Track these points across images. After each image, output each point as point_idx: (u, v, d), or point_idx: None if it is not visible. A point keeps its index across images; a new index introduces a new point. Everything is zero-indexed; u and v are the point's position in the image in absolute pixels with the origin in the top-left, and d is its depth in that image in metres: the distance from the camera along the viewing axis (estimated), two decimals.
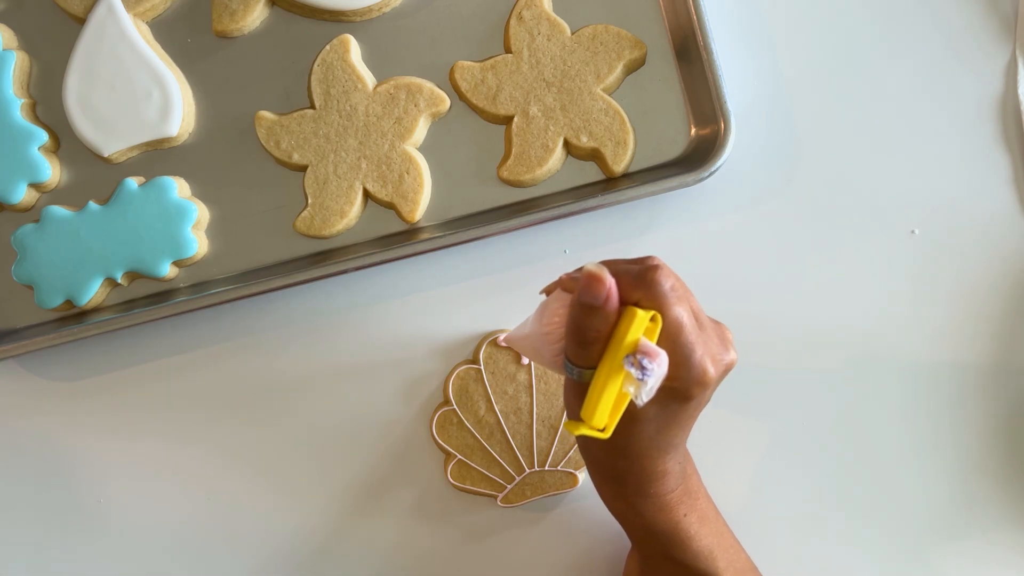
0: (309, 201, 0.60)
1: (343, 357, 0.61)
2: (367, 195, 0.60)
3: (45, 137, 0.59)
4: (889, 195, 0.61)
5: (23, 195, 0.59)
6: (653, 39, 0.60)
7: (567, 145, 0.60)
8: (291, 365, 0.61)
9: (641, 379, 0.40)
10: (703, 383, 0.44)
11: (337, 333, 0.62)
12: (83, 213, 0.59)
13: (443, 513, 0.62)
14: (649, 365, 0.40)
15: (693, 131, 0.60)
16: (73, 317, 0.60)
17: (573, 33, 0.59)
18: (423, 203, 0.60)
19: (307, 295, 0.61)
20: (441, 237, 0.58)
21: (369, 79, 0.60)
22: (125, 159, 0.60)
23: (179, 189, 0.59)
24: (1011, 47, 0.61)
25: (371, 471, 0.61)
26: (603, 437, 0.42)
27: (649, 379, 0.40)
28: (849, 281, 0.61)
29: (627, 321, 0.41)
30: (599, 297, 0.41)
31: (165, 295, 0.60)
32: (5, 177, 0.58)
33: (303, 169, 0.60)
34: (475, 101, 0.60)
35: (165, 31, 0.60)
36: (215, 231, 0.60)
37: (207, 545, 0.62)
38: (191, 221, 0.59)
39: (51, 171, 0.59)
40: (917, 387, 0.61)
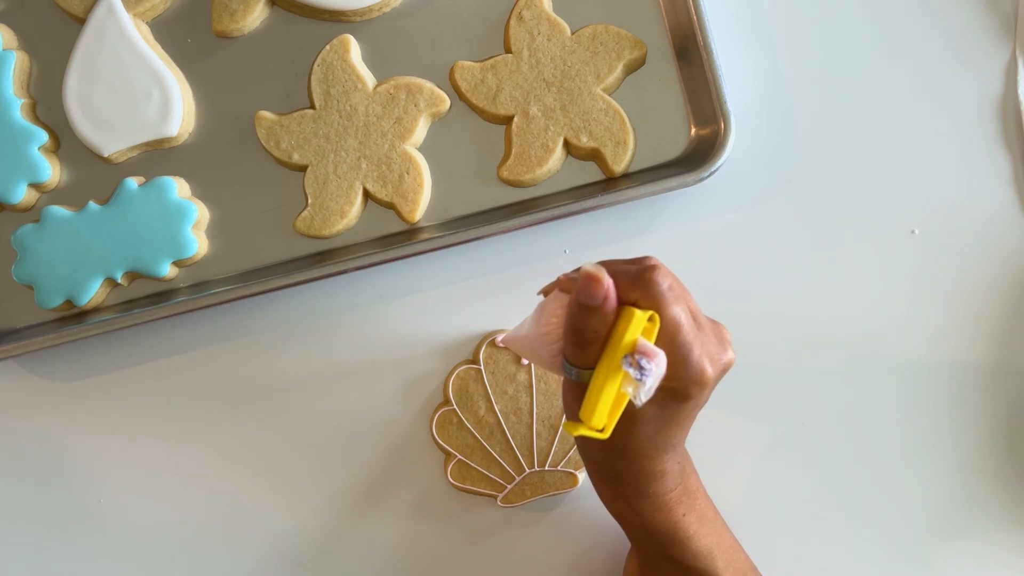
0: (309, 201, 0.60)
1: (343, 357, 0.61)
2: (367, 195, 0.60)
3: (45, 137, 0.59)
4: (889, 195, 0.61)
5: (23, 195, 0.59)
6: (653, 39, 0.60)
7: (567, 145, 0.60)
8: (291, 365, 0.61)
9: (639, 379, 0.40)
10: (701, 383, 0.44)
11: (337, 333, 0.62)
12: (83, 213, 0.59)
13: (443, 513, 0.62)
14: (647, 365, 0.40)
15: (693, 131, 0.60)
16: (73, 317, 0.60)
17: (573, 33, 0.59)
18: (423, 203, 0.60)
19: (307, 295, 0.61)
20: (441, 237, 0.58)
21: (369, 79, 0.60)
22: (125, 159, 0.60)
23: (179, 189, 0.59)
24: (1011, 47, 0.61)
25: (371, 471, 0.61)
26: (602, 437, 0.42)
27: (647, 379, 0.40)
28: (849, 281, 0.61)
29: (625, 321, 0.41)
30: (597, 297, 0.41)
31: (165, 295, 0.60)
32: (5, 177, 0.58)
33: (303, 169, 0.60)
34: (475, 101, 0.60)
35: (165, 31, 0.60)
36: (215, 231, 0.60)
37: (207, 545, 0.62)
38: (191, 221, 0.59)
39: (51, 171, 0.59)
40: (917, 387, 0.61)
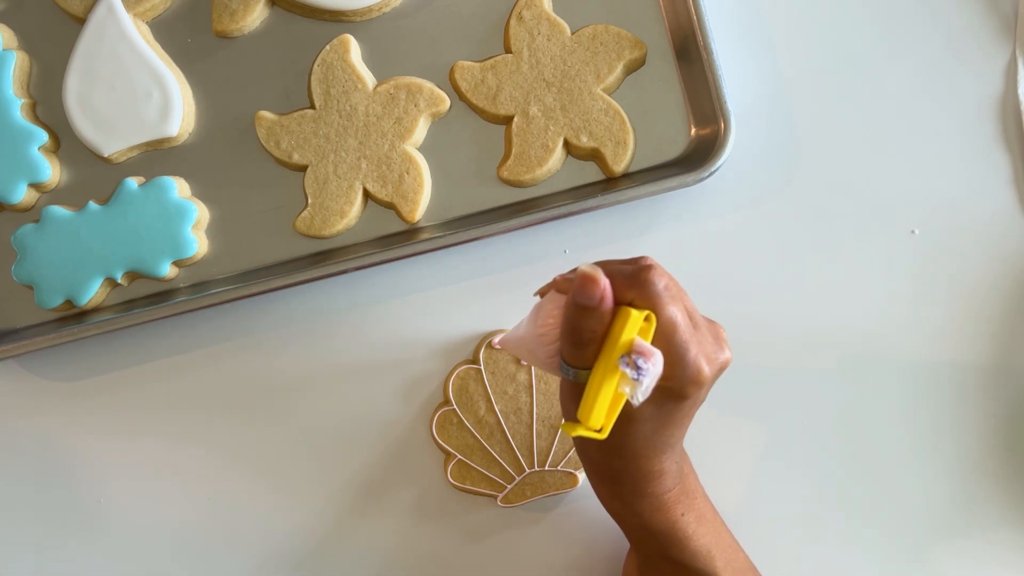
0: (309, 201, 0.60)
1: (343, 357, 0.61)
2: (367, 195, 0.60)
3: (45, 137, 0.59)
4: (889, 195, 0.61)
5: (23, 195, 0.59)
6: (653, 39, 0.60)
7: (567, 145, 0.60)
8: (291, 365, 0.61)
9: (636, 379, 0.40)
10: (698, 382, 0.44)
11: (337, 333, 0.62)
12: (83, 213, 0.59)
13: (443, 513, 0.62)
14: (644, 365, 0.40)
15: (693, 131, 0.60)
16: (73, 317, 0.60)
17: (573, 33, 0.59)
18: (423, 203, 0.60)
19: (307, 295, 0.61)
20: (441, 237, 0.58)
21: (369, 79, 0.60)
22: (125, 159, 0.60)
23: (179, 189, 0.59)
24: (1011, 47, 0.61)
25: (371, 471, 0.61)
26: (600, 438, 0.42)
27: (644, 379, 0.40)
28: (849, 281, 0.61)
29: (621, 321, 0.41)
30: (593, 298, 0.41)
31: (165, 295, 0.60)
32: (5, 177, 0.58)
33: (303, 169, 0.60)
34: (475, 101, 0.60)
35: (165, 31, 0.60)
36: (215, 231, 0.60)
37: (207, 545, 0.62)
38: (191, 221, 0.59)
39: (51, 171, 0.59)
40: (917, 387, 0.61)
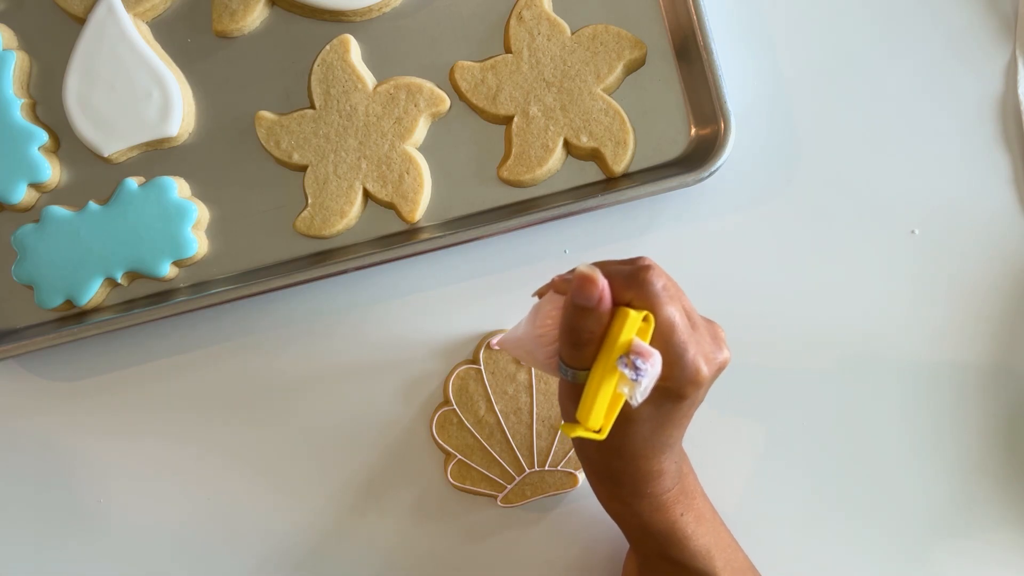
0: (309, 201, 0.60)
1: (343, 357, 0.61)
2: (367, 195, 0.60)
3: (45, 137, 0.59)
4: (889, 195, 0.61)
5: (23, 195, 0.59)
6: (653, 39, 0.60)
7: (567, 145, 0.60)
8: (291, 365, 0.61)
9: (635, 379, 0.40)
10: (696, 382, 0.44)
11: (337, 333, 0.62)
12: (83, 213, 0.59)
13: (443, 513, 0.62)
14: (643, 365, 0.40)
15: (693, 131, 0.60)
16: (73, 317, 0.60)
17: (573, 33, 0.59)
18: (423, 203, 0.60)
19: (307, 295, 0.61)
20: (441, 237, 0.58)
21: (369, 79, 0.60)
22: (125, 159, 0.60)
23: (179, 189, 0.59)
24: (1011, 47, 0.61)
25: (371, 471, 0.61)
26: (599, 438, 0.42)
27: (643, 379, 0.40)
28: (849, 281, 0.61)
29: (620, 322, 0.41)
30: (592, 298, 0.41)
31: (165, 295, 0.60)
32: (5, 177, 0.58)
33: (303, 169, 0.60)
34: (475, 101, 0.60)
35: (165, 31, 0.60)
36: (215, 231, 0.60)
37: (207, 545, 0.62)
38: (191, 221, 0.59)
39: (51, 171, 0.59)
40: (917, 387, 0.61)
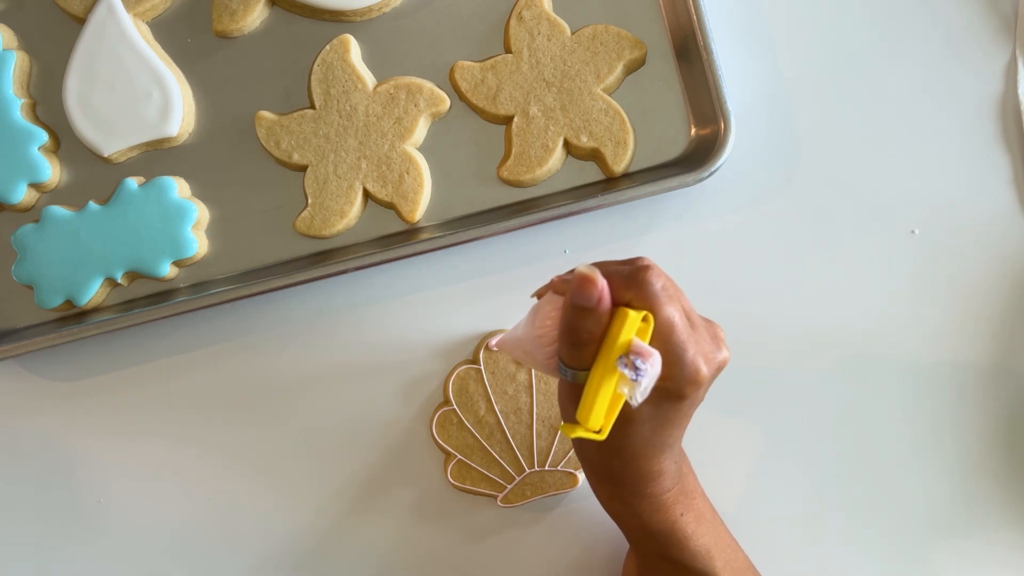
0: (309, 201, 0.60)
1: (343, 357, 0.61)
2: (367, 195, 0.60)
3: (45, 137, 0.59)
4: (889, 195, 0.61)
5: (23, 195, 0.59)
6: (653, 39, 0.60)
7: (567, 145, 0.60)
8: (291, 365, 0.61)
9: (635, 380, 0.40)
10: (696, 382, 0.44)
11: (337, 333, 0.62)
12: (83, 213, 0.59)
13: (443, 513, 0.62)
14: (642, 365, 0.40)
15: (693, 131, 0.60)
16: (73, 317, 0.60)
17: (573, 33, 0.59)
18: (423, 203, 0.60)
19: (307, 295, 0.61)
20: (441, 237, 0.58)
21: (369, 79, 0.60)
22: (125, 159, 0.60)
23: (179, 189, 0.59)
24: (1011, 47, 0.61)
25: (371, 471, 0.61)
26: (599, 439, 0.42)
27: (643, 379, 0.40)
28: (849, 281, 0.61)
29: (619, 322, 0.41)
30: (591, 298, 0.41)
31: (165, 295, 0.60)
32: (5, 177, 0.58)
33: (303, 169, 0.60)
34: (475, 101, 0.60)
35: (165, 31, 0.60)
36: (215, 231, 0.60)
37: (207, 545, 0.62)
38: (191, 221, 0.59)
39: (51, 171, 0.59)
40: (917, 387, 0.61)
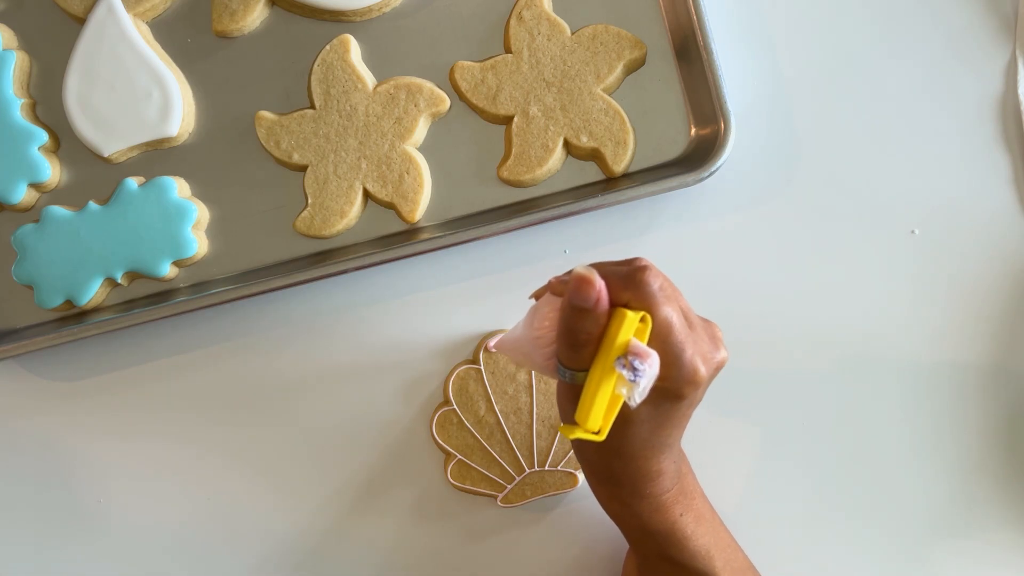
0: (309, 201, 0.60)
1: (343, 357, 0.61)
2: (367, 195, 0.60)
3: (45, 137, 0.59)
4: (889, 195, 0.61)
5: (23, 195, 0.59)
6: (653, 39, 0.60)
7: (567, 145, 0.60)
8: (291, 365, 0.61)
9: (633, 380, 0.40)
10: (694, 382, 0.44)
11: (337, 333, 0.62)
12: (83, 213, 0.59)
13: (443, 513, 0.62)
14: (640, 366, 0.40)
15: (693, 131, 0.60)
16: (73, 317, 0.60)
17: (573, 33, 0.59)
18: (423, 203, 0.60)
19: (307, 295, 0.61)
20: (441, 237, 0.58)
21: (369, 79, 0.60)
22: (125, 159, 0.60)
23: (179, 189, 0.59)
24: (1011, 47, 0.61)
25: (371, 471, 0.61)
26: (598, 440, 0.42)
27: (641, 380, 0.40)
28: (849, 281, 0.61)
29: (617, 323, 0.41)
30: (589, 299, 0.41)
31: (165, 295, 0.60)
32: (5, 177, 0.58)
33: (303, 169, 0.60)
34: (475, 101, 0.60)
35: (165, 31, 0.60)
36: (215, 231, 0.60)
37: (207, 545, 0.62)
38: (191, 221, 0.59)
39: (51, 171, 0.59)
40: (917, 387, 0.61)
